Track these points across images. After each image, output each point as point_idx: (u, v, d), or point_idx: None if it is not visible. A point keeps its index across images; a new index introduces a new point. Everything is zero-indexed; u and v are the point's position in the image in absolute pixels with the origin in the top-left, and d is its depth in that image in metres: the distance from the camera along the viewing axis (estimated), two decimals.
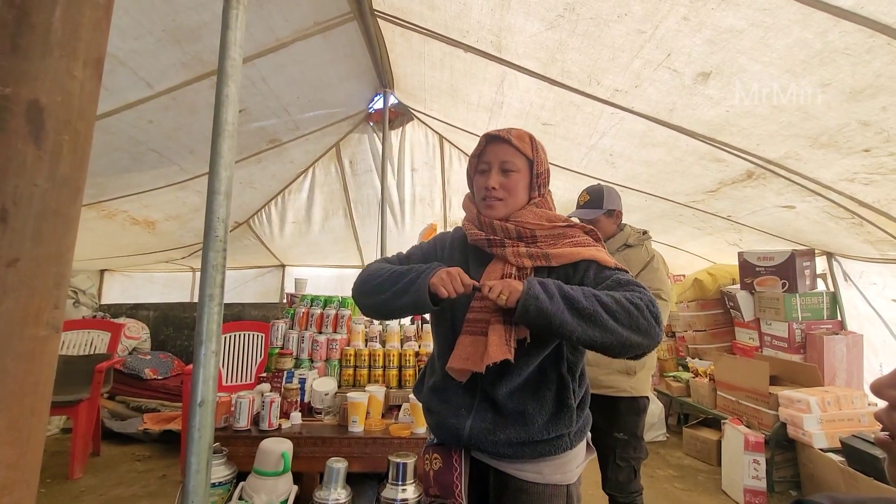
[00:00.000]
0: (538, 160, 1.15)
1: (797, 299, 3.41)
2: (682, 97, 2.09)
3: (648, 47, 1.85)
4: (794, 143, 2.13)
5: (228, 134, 0.95)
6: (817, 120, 1.91)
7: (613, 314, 0.91)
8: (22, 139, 0.61)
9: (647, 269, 2.04)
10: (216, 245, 0.89)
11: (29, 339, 0.61)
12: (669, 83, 2.02)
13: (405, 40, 2.68)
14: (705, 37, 1.70)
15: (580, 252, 1.05)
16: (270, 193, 4.35)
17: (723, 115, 2.10)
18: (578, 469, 1.10)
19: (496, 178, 1.12)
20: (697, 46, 1.76)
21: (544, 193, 1.17)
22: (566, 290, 0.94)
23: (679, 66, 1.89)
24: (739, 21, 1.58)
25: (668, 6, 1.62)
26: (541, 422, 1.03)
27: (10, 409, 0.60)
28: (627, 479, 2.00)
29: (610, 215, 2.13)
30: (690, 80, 1.96)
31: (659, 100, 2.17)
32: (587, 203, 2.15)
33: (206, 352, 0.90)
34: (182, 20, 1.90)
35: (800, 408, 2.86)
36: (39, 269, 0.62)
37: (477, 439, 1.05)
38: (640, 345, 0.94)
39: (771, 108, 1.94)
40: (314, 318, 2.26)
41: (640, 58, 1.93)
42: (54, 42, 0.64)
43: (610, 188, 2.19)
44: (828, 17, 1.44)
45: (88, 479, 2.80)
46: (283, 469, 1.57)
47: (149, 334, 4.65)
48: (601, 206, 2.10)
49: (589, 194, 2.18)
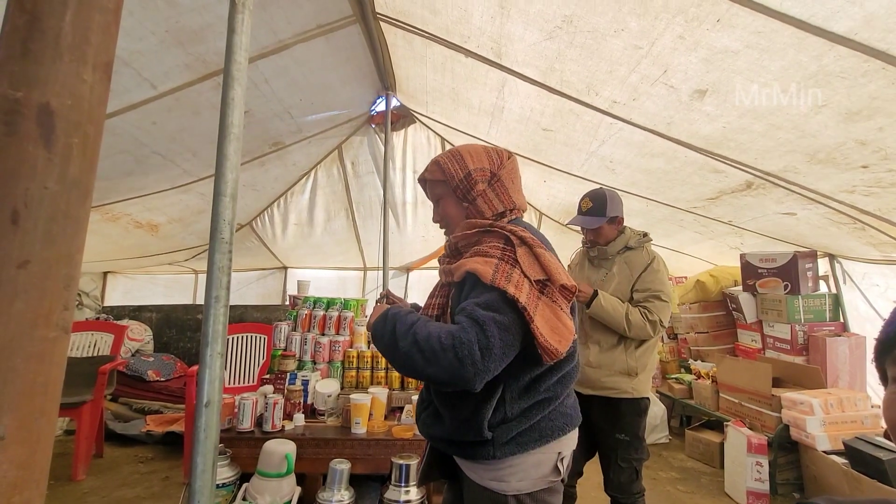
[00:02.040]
0: (450, 175, 1.17)
1: (799, 301, 3.40)
2: (679, 112, 2.10)
3: (645, 63, 1.86)
4: (792, 157, 2.14)
5: (234, 136, 0.96)
6: (814, 138, 1.93)
7: (421, 351, 0.95)
8: (33, 142, 0.62)
9: (648, 271, 2.04)
10: (222, 247, 0.90)
11: (39, 340, 0.62)
12: (666, 98, 2.04)
13: (407, 43, 2.70)
14: (701, 56, 1.72)
15: (464, 265, 1.05)
16: (273, 196, 4.36)
17: (720, 130, 2.11)
18: (521, 483, 1.05)
19: (434, 212, 1.27)
20: (693, 65, 1.78)
21: (474, 198, 1.16)
22: (394, 322, 1.02)
23: (675, 82, 1.91)
24: (734, 42, 1.59)
25: (664, 24, 1.64)
26: (452, 425, 1.07)
27: (21, 409, 0.60)
28: (629, 480, 2.00)
29: (612, 222, 2.13)
30: (687, 97, 1.97)
31: (657, 113, 2.18)
32: (590, 210, 2.13)
33: (212, 353, 0.90)
34: (185, 22, 1.92)
35: (803, 410, 2.85)
36: (50, 271, 0.63)
37: (423, 431, 1.20)
38: (444, 382, 0.95)
39: (768, 126, 1.96)
40: (317, 320, 2.27)
41: (637, 72, 1.94)
42: (64, 46, 0.65)
43: (612, 193, 2.18)
44: (822, 42, 1.45)
45: (92, 481, 2.80)
46: (287, 470, 1.57)
47: (151, 336, 4.67)
48: (604, 214, 2.09)
49: (592, 200, 2.15)
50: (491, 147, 1.23)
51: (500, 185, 1.16)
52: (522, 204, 1.21)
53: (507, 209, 1.17)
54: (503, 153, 1.22)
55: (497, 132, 3.23)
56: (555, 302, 1.01)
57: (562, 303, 1.02)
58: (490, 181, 1.16)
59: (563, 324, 0.99)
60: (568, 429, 1.11)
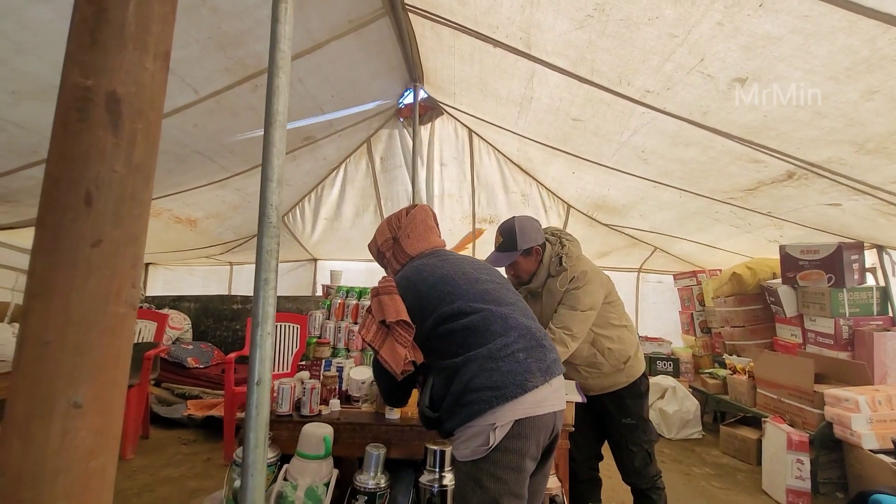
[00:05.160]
0: (373, 253, 1.62)
1: (844, 294, 3.25)
2: (716, 101, 2.03)
3: (680, 51, 1.80)
4: (838, 148, 2.03)
5: (280, 124, 0.99)
6: (863, 126, 1.83)
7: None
8: (103, 128, 0.66)
9: (566, 296, 1.94)
10: (270, 231, 0.93)
11: (111, 315, 0.66)
12: (703, 87, 1.97)
13: (435, 34, 2.70)
14: (741, 43, 1.65)
15: None
16: (304, 190, 4.46)
17: (760, 119, 2.03)
18: (467, 451, 1.22)
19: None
20: (732, 52, 1.71)
21: (385, 265, 1.60)
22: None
23: (713, 70, 1.84)
24: (778, 28, 1.53)
25: (702, 11, 1.58)
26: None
27: (96, 379, 0.65)
28: (643, 464, 2.01)
29: (528, 254, 1.98)
30: (725, 86, 1.90)
31: (692, 102, 2.11)
32: (501, 245, 2.00)
33: (263, 333, 0.94)
34: (226, 27, 1.97)
35: (847, 407, 2.74)
36: (119, 250, 0.67)
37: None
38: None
39: (813, 114, 1.87)
40: (350, 309, 2.31)
41: (671, 61, 1.88)
42: (128, 36, 0.68)
43: (524, 223, 1.99)
44: (876, 24, 1.38)
45: (140, 460, 2.96)
46: (325, 452, 1.61)
47: (190, 325, 4.86)
48: (515, 248, 1.95)
49: (502, 235, 2.01)
50: (394, 214, 1.59)
51: (398, 246, 1.52)
52: (422, 248, 1.51)
53: (404, 263, 1.51)
54: (402, 212, 1.57)
55: (525, 122, 3.20)
56: (391, 335, 1.30)
57: (396, 334, 1.29)
58: (393, 247, 1.54)
59: (395, 351, 1.27)
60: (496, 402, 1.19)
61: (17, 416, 0.61)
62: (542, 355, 1.27)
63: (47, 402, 0.61)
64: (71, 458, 0.62)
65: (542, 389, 1.22)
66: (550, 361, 1.28)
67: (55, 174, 0.65)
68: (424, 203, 2.28)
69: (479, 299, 1.31)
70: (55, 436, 0.61)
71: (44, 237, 0.64)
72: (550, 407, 1.24)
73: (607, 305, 2.03)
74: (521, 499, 1.20)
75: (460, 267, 1.42)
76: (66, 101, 0.66)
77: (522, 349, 1.24)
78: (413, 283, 1.38)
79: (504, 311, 1.30)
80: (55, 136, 0.66)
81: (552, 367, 1.27)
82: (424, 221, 1.55)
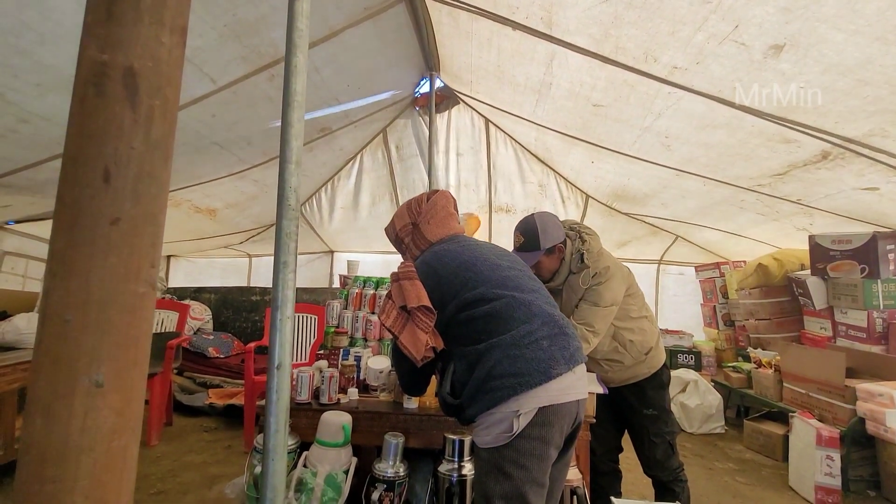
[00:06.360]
0: (391, 237, 1.58)
1: (878, 286, 3.12)
2: (749, 73, 1.93)
3: (714, 18, 1.71)
4: (881, 118, 1.92)
5: (298, 104, 0.97)
6: None
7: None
8: (120, 103, 0.64)
9: (588, 292, 1.89)
10: (289, 213, 0.92)
11: (131, 294, 0.65)
12: (736, 58, 1.87)
13: (452, 20, 2.64)
14: (780, 4, 1.55)
15: None
16: (321, 180, 4.47)
17: (796, 91, 1.93)
18: (489, 437, 1.20)
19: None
20: (770, 16, 1.61)
21: (404, 251, 1.55)
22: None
23: (748, 38, 1.75)
24: None
25: None
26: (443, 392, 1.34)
27: (117, 359, 0.64)
28: (665, 456, 1.97)
29: (551, 252, 1.91)
30: (760, 55, 1.80)
31: (723, 76, 2.01)
32: (522, 245, 1.92)
33: (282, 317, 0.93)
34: (242, 14, 1.96)
35: (881, 402, 2.63)
36: (137, 229, 0.66)
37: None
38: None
39: (854, 82, 1.76)
40: (367, 299, 2.31)
41: (703, 31, 1.79)
42: (144, 9, 0.67)
43: (545, 220, 1.93)
44: None
45: (163, 447, 3.02)
46: (344, 440, 1.62)
47: (211, 316, 4.94)
48: (538, 248, 1.88)
49: (522, 234, 1.93)
50: (413, 198, 1.56)
51: (418, 232, 1.49)
52: (442, 234, 1.49)
53: (424, 249, 1.49)
54: (422, 197, 1.54)
55: (543, 111, 3.13)
56: (412, 320, 1.27)
57: (417, 319, 1.26)
58: (412, 233, 1.51)
59: (416, 337, 1.25)
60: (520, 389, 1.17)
61: (39, 394, 0.60)
62: (566, 343, 1.24)
63: (69, 381, 0.61)
64: (94, 437, 0.61)
65: (567, 377, 1.19)
66: (574, 349, 1.25)
67: (73, 151, 0.64)
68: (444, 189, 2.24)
69: (501, 286, 1.29)
70: (77, 415, 0.60)
71: (63, 214, 0.63)
72: (574, 395, 1.21)
73: (627, 298, 1.98)
74: (542, 486, 1.19)
75: (482, 253, 1.39)
76: (84, 76, 0.64)
77: (546, 336, 1.22)
78: (434, 269, 1.36)
79: (527, 297, 1.28)
80: (73, 113, 0.65)
81: (575, 354, 1.25)
82: (445, 208, 1.53)
